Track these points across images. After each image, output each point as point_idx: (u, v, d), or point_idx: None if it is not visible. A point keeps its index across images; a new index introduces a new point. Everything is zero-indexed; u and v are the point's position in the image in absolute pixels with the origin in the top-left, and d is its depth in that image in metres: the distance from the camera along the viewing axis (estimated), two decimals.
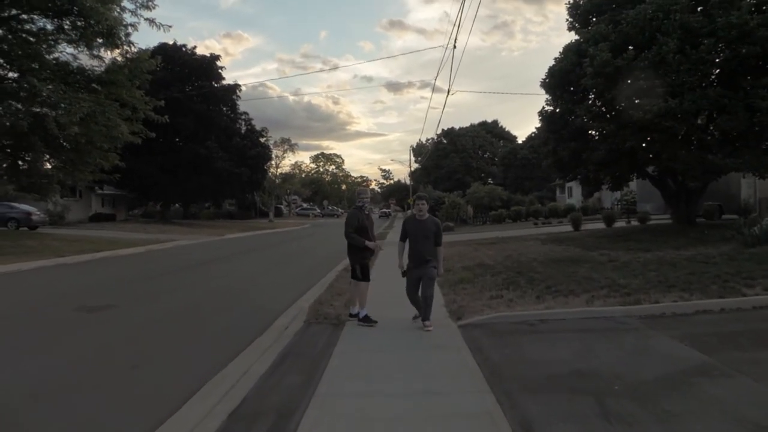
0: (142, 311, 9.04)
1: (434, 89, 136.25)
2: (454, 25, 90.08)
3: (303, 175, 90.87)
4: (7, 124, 17.09)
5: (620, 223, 25.66)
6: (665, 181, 18.29)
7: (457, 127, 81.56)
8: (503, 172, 72.26)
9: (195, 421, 4.28)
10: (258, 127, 50.97)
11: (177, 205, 52.49)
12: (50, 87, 16.84)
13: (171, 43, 42.62)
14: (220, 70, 44.32)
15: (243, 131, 48.82)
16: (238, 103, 46.78)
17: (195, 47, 47.21)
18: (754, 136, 13.94)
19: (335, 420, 4.19)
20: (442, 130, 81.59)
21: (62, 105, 16.81)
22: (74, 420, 4.46)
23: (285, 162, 75.85)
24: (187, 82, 42.71)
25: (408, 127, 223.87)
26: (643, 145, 14.88)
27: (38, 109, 18.50)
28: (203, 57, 43.82)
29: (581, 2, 17.60)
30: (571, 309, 7.76)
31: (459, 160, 74.76)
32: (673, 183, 17.93)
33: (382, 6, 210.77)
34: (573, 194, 51.28)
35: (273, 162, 59.21)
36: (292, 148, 62.38)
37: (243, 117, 49.03)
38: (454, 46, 22.88)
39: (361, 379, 5.16)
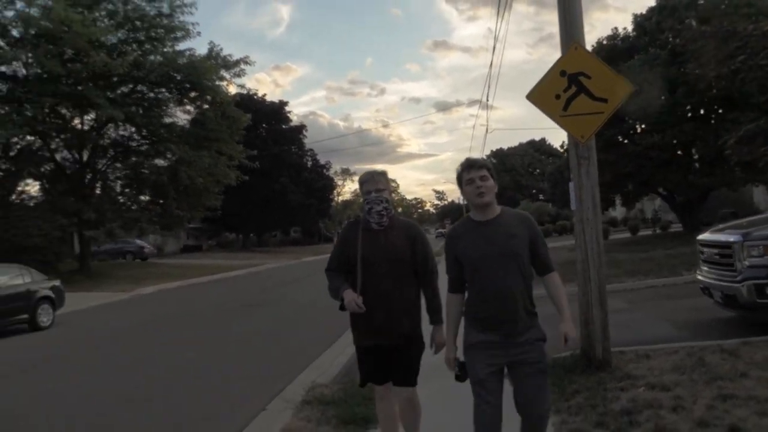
0: (284, 305, 13.89)
1: (481, 106, 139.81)
2: (495, 40, 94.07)
3: (361, 200, 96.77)
4: (153, 178, 22.90)
5: (647, 232, 29.21)
6: (673, 196, 22.06)
7: (505, 147, 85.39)
8: (551, 188, 75.11)
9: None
10: (322, 161, 56.73)
11: (251, 234, 58.52)
12: (181, 148, 22.48)
13: (245, 92, 48.95)
14: (287, 114, 50.45)
15: (309, 165, 54.63)
16: (304, 141, 52.70)
17: (265, 95, 53.63)
18: (723, 159, 17.74)
19: None
20: (491, 150, 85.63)
21: (192, 162, 22.41)
22: (281, 343, 9.26)
23: (345, 189, 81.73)
24: (260, 125, 48.87)
25: (459, 145, 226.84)
26: (637, 170, 18.86)
27: (167, 164, 24.33)
28: (272, 103, 50.05)
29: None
30: None
31: (509, 178, 78.30)
32: (677, 197, 21.72)
33: (425, 27, 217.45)
34: (616, 207, 54.15)
35: (335, 191, 64.65)
36: (351, 176, 67.86)
37: (309, 153, 54.90)
38: (491, 63, 27.23)
39: None
